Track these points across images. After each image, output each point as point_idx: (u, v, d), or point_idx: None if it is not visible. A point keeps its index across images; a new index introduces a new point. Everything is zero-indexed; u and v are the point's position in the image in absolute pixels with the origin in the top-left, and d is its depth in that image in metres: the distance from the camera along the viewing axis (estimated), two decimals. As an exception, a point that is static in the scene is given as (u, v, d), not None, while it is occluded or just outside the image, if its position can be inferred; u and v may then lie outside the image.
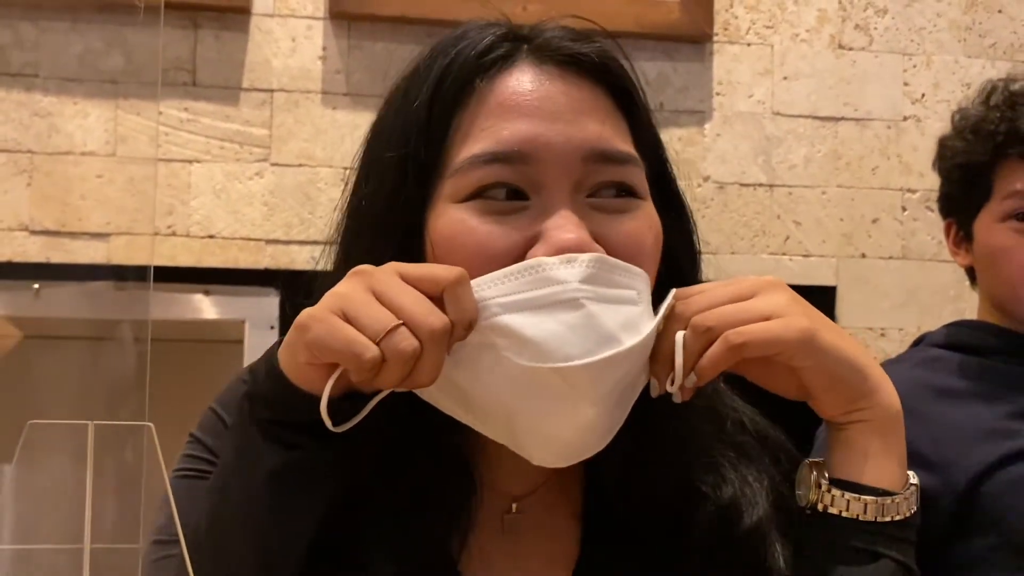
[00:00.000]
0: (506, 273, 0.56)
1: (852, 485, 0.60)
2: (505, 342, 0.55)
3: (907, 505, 0.60)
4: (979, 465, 1.05)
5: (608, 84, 0.62)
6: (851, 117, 1.62)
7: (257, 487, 0.57)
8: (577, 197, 0.59)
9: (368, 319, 0.53)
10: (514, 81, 0.60)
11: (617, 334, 0.55)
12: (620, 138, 0.61)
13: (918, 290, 1.61)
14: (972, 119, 1.16)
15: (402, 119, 0.62)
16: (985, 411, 1.10)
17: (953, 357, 1.16)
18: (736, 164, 1.58)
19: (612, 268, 0.57)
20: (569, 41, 0.62)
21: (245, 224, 1.45)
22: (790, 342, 0.57)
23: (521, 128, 0.59)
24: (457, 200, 0.59)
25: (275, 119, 1.47)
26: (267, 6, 1.47)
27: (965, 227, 1.17)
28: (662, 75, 1.57)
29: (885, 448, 0.60)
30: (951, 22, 1.65)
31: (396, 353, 0.52)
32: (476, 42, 0.62)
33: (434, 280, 0.54)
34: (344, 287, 0.55)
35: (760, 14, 1.60)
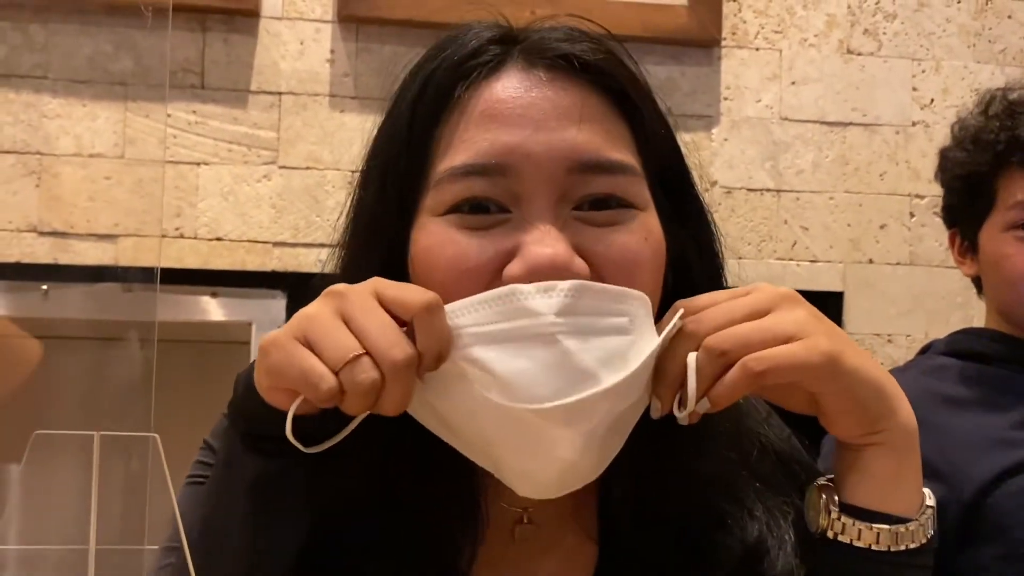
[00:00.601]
0: (480, 300, 0.52)
1: (864, 512, 0.56)
2: (478, 375, 0.51)
3: (923, 532, 0.57)
4: (986, 475, 1.04)
5: (604, 86, 0.58)
6: (859, 122, 1.60)
7: (239, 496, 0.55)
8: (562, 210, 0.56)
9: (329, 347, 0.50)
10: (499, 88, 0.57)
11: (596, 371, 0.51)
12: (612, 145, 0.57)
13: (925, 296, 1.60)
14: (972, 129, 1.15)
15: (389, 129, 0.60)
16: (992, 420, 1.09)
17: (960, 365, 1.15)
18: (743, 169, 1.57)
19: (596, 295, 0.52)
20: (560, 41, 0.58)
21: (253, 226, 1.45)
22: (814, 367, 0.53)
23: (501, 138, 0.56)
24: (437, 213, 0.57)
25: (283, 122, 1.46)
26: (275, 9, 1.46)
27: (970, 237, 1.16)
28: (670, 79, 1.55)
29: (900, 471, 0.57)
30: (961, 27, 1.63)
31: (354, 385, 0.49)
32: (463, 46, 0.59)
33: (404, 305, 0.51)
34: (313, 308, 0.52)
35: (769, 18, 1.59)
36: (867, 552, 0.56)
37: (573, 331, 0.51)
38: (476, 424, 0.53)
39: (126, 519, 0.67)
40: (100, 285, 1.40)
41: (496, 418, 0.51)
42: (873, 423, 0.56)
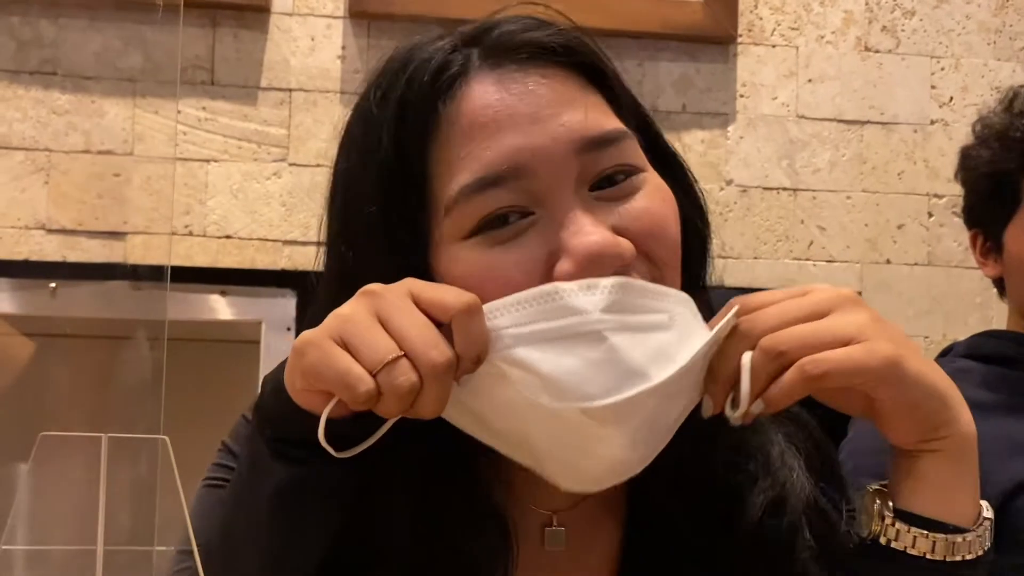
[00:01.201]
0: (519, 300, 0.50)
1: (921, 520, 0.54)
2: (521, 376, 0.50)
3: (979, 543, 0.55)
4: (1010, 481, 1.02)
5: (573, 64, 0.57)
6: (877, 121, 1.57)
7: (264, 502, 0.53)
8: (582, 194, 0.55)
9: (367, 348, 0.48)
10: (479, 94, 0.55)
11: (645, 368, 0.50)
12: (604, 116, 0.56)
13: (944, 297, 1.57)
14: (996, 127, 1.13)
15: (373, 166, 0.56)
16: (1016, 425, 1.06)
17: (982, 369, 1.12)
18: (759, 167, 1.54)
19: (638, 292, 0.52)
20: (520, 33, 0.56)
21: (263, 224, 1.43)
22: (875, 372, 0.51)
23: (503, 142, 0.54)
24: (460, 238, 0.54)
25: (293, 119, 1.44)
26: (286, 5, 1.44)
27: (994, 237, 1.13)
28: (685, 77, 1.53)
29: (958, 479, 0.55)
30: (980, 24, 1.60)
31: (392, 388, 0.47)
32: (427, 63, 0.56)
33: (443, 307, 0.49)
34: (349, 308, 0.50)
35: (785, 15, 1.56)
36: (921, 560, 0.54)
37: (620, 328, 0.50)
38: (517, 424, 0.51)
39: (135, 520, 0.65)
40: (109, 283, 1.39)
41: (542, 419, 0.50)
42: (933, 430, 0.55)
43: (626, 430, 0.50)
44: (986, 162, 1.12)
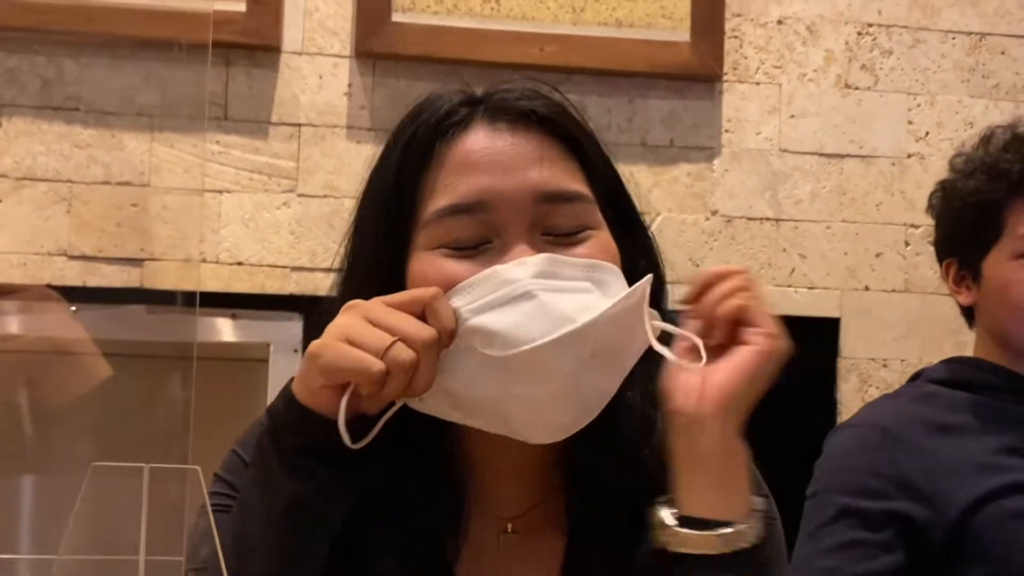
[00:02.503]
0: (468, 284, 0.62)
1: (698, 522, 0.62)
2: (480, 340, 0.61)
3: (753, 533, 0.62)
4: (970, 498, 1.06)
5: (556, 133, 0.68)
6: (856, 154, 1.62)
7: (277, 516, 0.61)
8: (534, 235, 0.65)
9: (370, 340, 0.59)
10: (470, 140, 0.67)
11: (572, 315, 0.60)
12: (569, 178, 0.67)
13: (920, 322, 1.61)
14: (983, 160, 1.16)
15: (381, 180, 0.69)
16: (977, 446, 1.10)
17: (948, 393, 1.16)
18: (744, 199, 1.59)
19: (564, 264, 0.63)
20: (518, 99, 0.68)
21: (272, 252, 1.48)
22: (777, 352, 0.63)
23: (477, 181, 0.65)
24: (431, 248, 0.65)
25: (302, 152, 1.49)
26: (296, 45, 1.50)
27: (971, 265, 1.16)
28: (673, 113, 1.58)
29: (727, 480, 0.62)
30: (955, 63, 1.65)
31: (397, 364, 0.58)
32: (436, 110, 0.68)
33: (416, 300, 0.61)
34: (342, 319, 0.61)
35: (769, 54, 1.61)
36: (706, 558, 0.61)
37: (548, 289, 0.61)
38: (484, 387, 0.62)
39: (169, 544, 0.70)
40: (126, 307, 1.43)
41: (501, 371, 0.61)
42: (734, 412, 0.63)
43: (563, 369, 0.60)
44: (971, 192, 1.15)
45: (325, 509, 0.62)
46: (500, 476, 0.69)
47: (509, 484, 0.69)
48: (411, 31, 1.49)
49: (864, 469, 1.10)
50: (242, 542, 0.61)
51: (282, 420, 0.62)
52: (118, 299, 1.42)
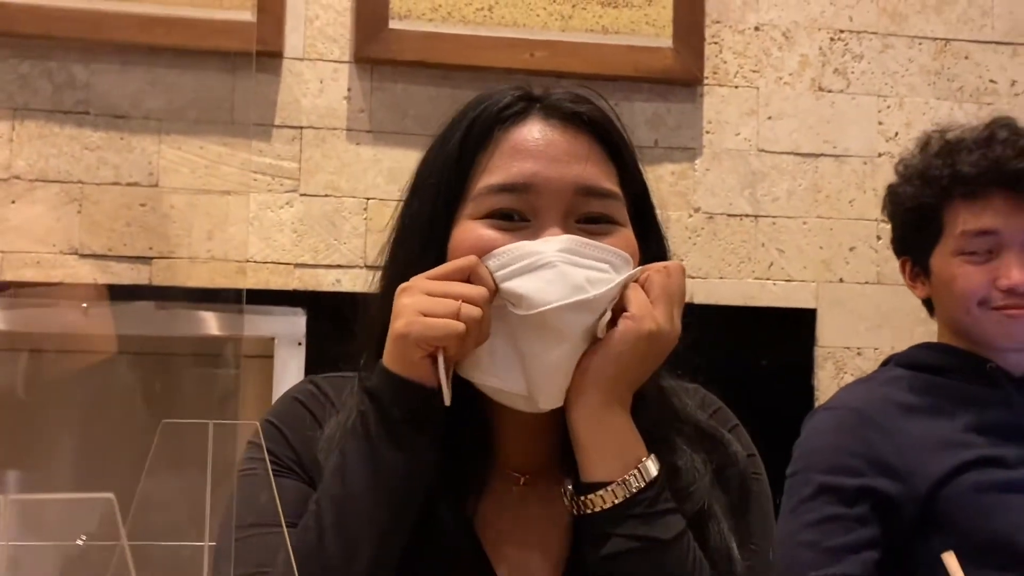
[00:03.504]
0: (499, 252, 0.70)
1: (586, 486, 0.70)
2: (510, 301, 0.69)
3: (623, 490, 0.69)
4: (938, 474, 1.11)
5: (599, 136, 0.75)
6: (830, 154, 1.68)
7: (386, 484, 0.68)
8: (568, 222, 0.72)
9: (443, 308, 0.68)
10: (525, 131, 0.74)
11: (585, 286, 0.68)
12: (606, 178, 0.74)
13: (891, 313, 1.67)
14: (918, 167, 1.21)
15: (441, 155, 0.76)
16: (943, 425, 1.15)
17: (915, 376, 1.21)
18: (724, 196, 1.65)
19: (584, 244, 0.70)
20: (571, 102, 0.75)
21: (276, 249, 1.52)
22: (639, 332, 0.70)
23: (526, 166, 0.72)
24: (474, 218, 0.73)
25: (304, 154, 1.54)
26: (297, 51, 1.54)
27: (921, 263, 1.22)
28: (657, 115, 1.63)
29: None
30: (922, 67, 1.72)
31: (472, 320, 0.67)
32: (499, 100, 0.76)
33: (461, 269, 0.70)
34: (407, 299, 0.69)
35: (747, 59, 1.67)
36: (600, 514, 0.69)
37: (567, 262, 0.69)
38: (511, 343, 0.69)
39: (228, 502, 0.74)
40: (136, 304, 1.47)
41: (524, 329, 0.69)
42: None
43: (570, 332, 0.69)
44: (910, 197, 1.21)
45: (422, 474, 0.69)
46: (515, 438, 0.76)
47: (523, 444, 0.76)
48: (407, 38, 1.54)
49: (840, 449, 1.15)
50: (346, 507, 0.68)
51: (386, 394, 0.69)
52: (130, 296, 1.46)
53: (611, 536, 0.68)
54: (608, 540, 0.68)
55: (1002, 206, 1.15)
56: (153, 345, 1.46)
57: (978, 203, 1.15)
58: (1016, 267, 1.14)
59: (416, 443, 0.69)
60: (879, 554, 1.10)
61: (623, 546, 0.68)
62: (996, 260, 1.15)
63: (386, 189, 1.54)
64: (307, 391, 0.78)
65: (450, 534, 0.72)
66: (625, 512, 0.68)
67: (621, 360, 0.70)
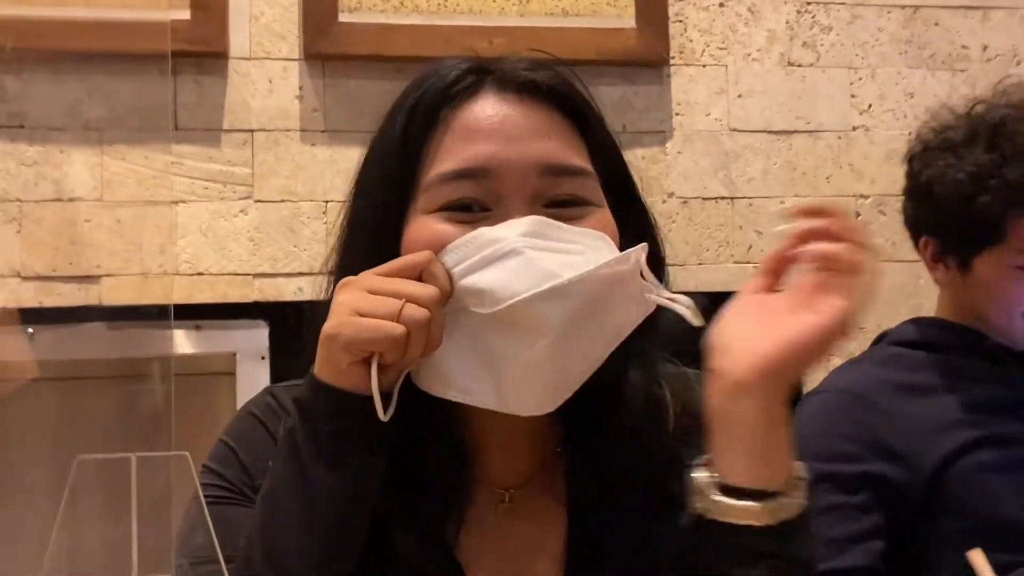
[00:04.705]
0: (455, 245, 0.61)
1: (742, 492, 0.58)
2: (470, 299, 0.60)
3: (797, 504, 0.58)
4: (942, 454, 1.06)
5: (562, 106, 0.66)
6: (804, 130, 1.62)
7: (318, 508, 0.59)
8: (535, 207, 0.63)
9: (382, 308, 0.58)
10: (477, 108, 0.65)
11: (557, 271, 0.58)
12: (573, 153, 0.65)
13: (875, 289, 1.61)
14: (973, 163, 1.09)
15: (384, 145, 0.67)
16: (945, 403, 1.10)
17: (913, 354, 1.16)
18: (698, 180, 1.58)
19: (553, 227, 0.61)
20: (526, 70, 0.66)
21: (232, 260, 1.43)
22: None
23: (482, 148, 0.63)
24: (428, 212, 0.64)
25: (256, 158, 1.45)
26: (244, 50, 1.45)
27: (958, 255, 1.13)
28: (624, 99, 1.56)
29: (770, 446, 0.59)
30: (892, 36, 1.66)
31: (415, 323, 0.58)
32: (444, 76, 0.66)
33: (412, 266, 0.60)
34: (344, 296, 0.60)
35: (713, 36, 1.61)
36: (749, 528, 0.58)
37: (534, 247, 0.59)
38: (476, 350, 0.60)
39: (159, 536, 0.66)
40: (84, 325, 1.38)
41: (490, 330, 0.60)
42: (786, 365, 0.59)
43: (548, 325, 0.58)
44: (964, 196, 1.09)
45: (363, 497, 0.60)
46: (495, 449, 0.68)
47: (504, 456, 0.68)
48: (359, 31, 1.46)
49: (835, 434, 1.09)
50: (274, 538, 0.60)
51: (314, 407, 0.60)
52: (77, 318, 1.37)
53: (764, 556, 0.57)
54: (758, 561, 0.57)
55: None
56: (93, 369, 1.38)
57: None
58: None
59: (352, 462, 0.60)
60: (885, 543, 1.04)
61: (773, 572, 0.57)
62: None
63: (345, 190, 1.43)
64: (264, 404, 0.71)
65: (425, 565, 0.64)
66: (790, 531, 0.57)
67: (810, 356, 0.57)
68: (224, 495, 0.66)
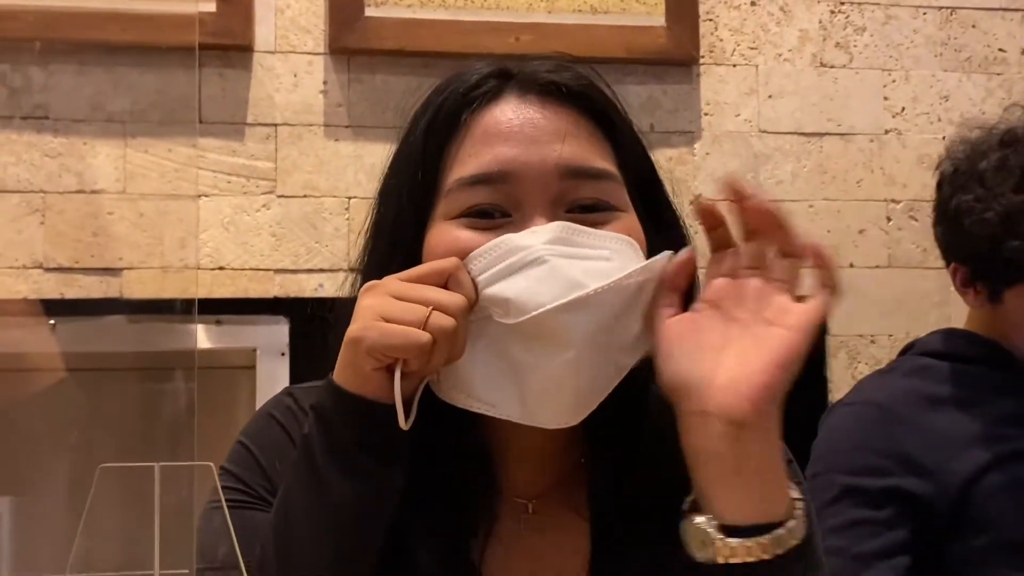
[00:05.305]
0: (479, 253, 0.59)
1: (743, 529, 0.55)
2: (495, 309, 0.59)
3: (800, 528, 0.56)
4: (970, 469, 1.04)
5: (587, 108, 0.64)
6: (835, 132, 1.59)
7: (332, 519, 0.58)
8: (556, 212, 0.61)
9: (408, 314, 0.57)
10: (498, 112, 0.63)
11: (583, 280, 0.57)
12: (598, 156, 0.63)
13: (905, 297, 1.58)
14: (1005, 203, 1.05)
15: (406, 150, 0.66)
16: (974, 417, 1.08)
17: (942, 365, 1.13)
18: (726, 181, 1.55)
19: (579, 233, 0.59)
20: (548, 72, 0.64)
21: (254, 255, 1.42)
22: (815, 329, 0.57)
23: (501, 152, 0.62)
24: (449, 218, 0.63)
25: (280, 152, 1.44)
26: (268, 43, 1.44)
27: (990, 284, 1.10)
28: (652, 98, 1.54)
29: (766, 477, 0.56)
30: (927, 38, 1.62)
31: (441, 331, 0.56)
32: (466, 80, 0.65)
33: (439, 272, 0.59)
34: (369, 300, 0.58)
35: (744, 36, 1.57)
36: (758, 564, 0.55)
37: (559, 255, 0.58)
38: (500, 361, 0.59)
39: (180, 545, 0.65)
40: (106, 318, 1.37)
41: (514, 341, 0.58)
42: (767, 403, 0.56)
43: (573, 337, 0.57)
44: (993, 234, 1.06)
45: (380, 507, 0.59)
46: (516, 460, 0.66)
47: (526, 467, 0.66)
48: (385, 25, 1.44)
49: (863, 447, 1.07)
50: (288, 546, 0.58)
51: (333, 414, 0.58)
52: (99, 311, 1.36)
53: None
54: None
55: None
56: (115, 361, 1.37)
57: None
58: None
59: (369, 471, 0.58)
60: (911, 559, 1.02)
61: None
62: None
63: (368, 187, 1.43)
64: (283, 405, 0.69)
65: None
66: (794, 559, 0.55)
67: (793, 370, 0.55)
68: (242, 499, 0.65)
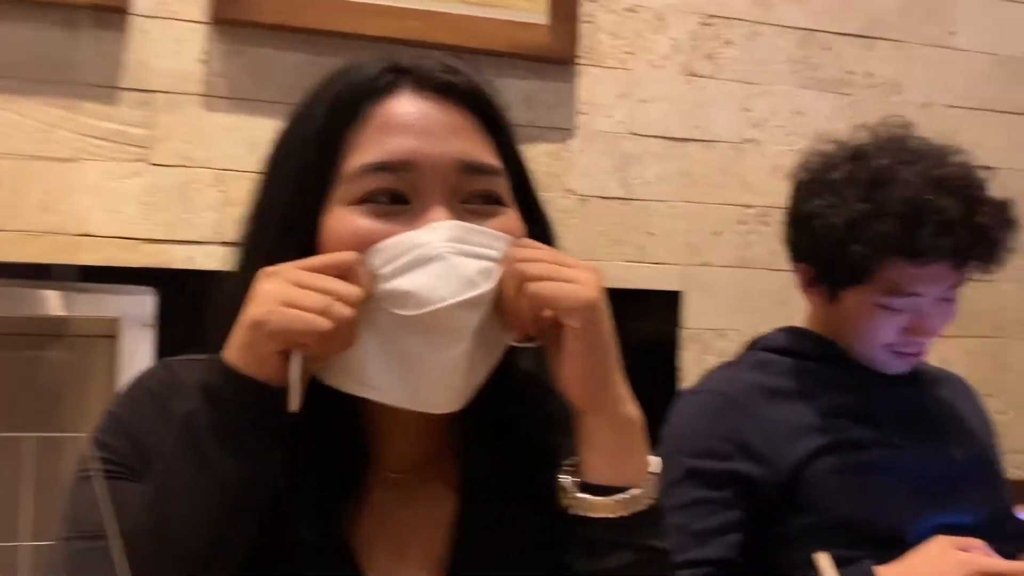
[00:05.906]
0: (381, 247, 0.63)
1: (599, 488, 0.65)
2: (393, 302, 0.62)
3: (647, 496, 0.65)
4: (800, 455, 1.12)
5: (476, 109, 0.68)
6: (699, 138, 1.67)
7: (216, 496, 0.59)
8: (452, 202, 0.65)
9: (310, 302, 0.60)
10: (397, 104, 0.67)
11: (477, 280, 0.62)
12: (488, 153, 0.67)
13: (753, 295, 1.68)
14: (852, 210, 1.12)
15: (301, 134, 0.68)
16: (806, 408, 1.16)
17: (782, 360, 1.21)
18: (597, 179, 1.61)
19: (471, 231, 0.64)
20: (443, 72, 0.68)
21: (122, 223, 1.38)
22: (573, 303, 0.62)
23: (404, 142, 0.65)
24: (347, 204, 0.65)
25: (155, 119, 1.40)
26: (147, 7, 1.40)
27: (831, 285, 1.17)
28: (532, 93, 1.58)
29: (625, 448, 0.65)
30: (787, 56, 1.73)
31: (341, 320, 0.60)
32: (363, 71, 0.68)
33: (338, 264, 0.62)
34: (271, 285, 0.61)
35: (621, 40, 1.64)
36: (607, 520, 0.65)
37: (458, 252, 0.62)
38: (392, 345, 0.63)
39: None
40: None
41: (410, 331, 0.62)
42: (600, 388, 0.65)
43: (466, 330, 0.62)
44: (839, 241, 1.13)
45: (263, 484, 0.61)
46: (392, 436, 0.70)
47: (401, 443, 0.70)
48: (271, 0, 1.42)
49: (707, 433, 1.14)
50: (167, 521, 0.59)
51: (224, 393, 0.60)
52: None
53: (619, 546, 0.64)
54: (615, 550, 0.64)
55: (937, 273, 1.12)
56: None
57: (918, 270, 1.11)
58: (935, 319, 1.14)
59: (255, 451, 0.60)
60: (744, 536, 1.10)
61: (630, 558, 0.64)
62: (911, 311, 1.14)
63: (245, 160, 1.42)
64: (158, 377, 0.69)
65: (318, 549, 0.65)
66: (642, 521, 0.65)
67: (596, 349, 0.63)
68: (113, 470, 0.65)
